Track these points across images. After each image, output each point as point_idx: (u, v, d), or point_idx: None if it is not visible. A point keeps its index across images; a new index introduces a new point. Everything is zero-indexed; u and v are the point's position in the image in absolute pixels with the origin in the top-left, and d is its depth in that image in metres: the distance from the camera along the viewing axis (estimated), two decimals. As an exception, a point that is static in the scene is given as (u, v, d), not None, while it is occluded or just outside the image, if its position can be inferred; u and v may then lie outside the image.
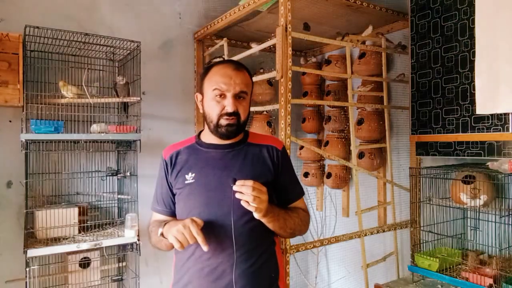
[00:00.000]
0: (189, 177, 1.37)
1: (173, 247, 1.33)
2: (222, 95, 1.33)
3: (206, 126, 1.41)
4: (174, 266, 1.44)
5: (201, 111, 1.41)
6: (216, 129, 1.35)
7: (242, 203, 1.20)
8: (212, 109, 1.34)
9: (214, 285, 1.31)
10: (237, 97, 1.34)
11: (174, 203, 1.45)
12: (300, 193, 1.51)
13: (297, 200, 1.49)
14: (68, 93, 2.20)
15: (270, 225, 1.32)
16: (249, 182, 1.19)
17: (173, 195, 1.44)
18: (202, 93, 1.40)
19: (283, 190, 1.45)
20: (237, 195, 1.20)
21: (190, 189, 1.36)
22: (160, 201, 1.46)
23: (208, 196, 1.33)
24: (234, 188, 1.20)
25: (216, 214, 1.32)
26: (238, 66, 1.38)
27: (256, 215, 1.23)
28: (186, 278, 1.36)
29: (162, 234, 1.30)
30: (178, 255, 1.40)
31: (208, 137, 1.42)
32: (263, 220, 1.27)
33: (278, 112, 2.09)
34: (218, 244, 1.31)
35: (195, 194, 1.35)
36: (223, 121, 1.33)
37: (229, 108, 1.31)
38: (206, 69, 1.41)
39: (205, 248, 1.19)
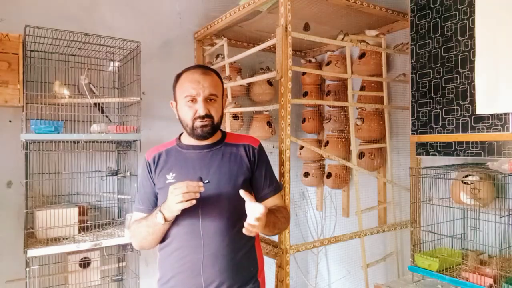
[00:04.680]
0: (170, 177, 1.43)
1: (160, 241, 1.43)
2: (193, 100, 1.40)
3: None
4: (158, 263, 1.50)
5: (176, 117, 1.49)
6: (192, 132, 1.43)
7: (244, 231, 1.26)
8: (186, 114, 1.42)
9: (195, 280, 1.37)
10: (208, 99, 1.41)
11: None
12: (276, 188, 1.56)
13: (273, 195, 1.54)
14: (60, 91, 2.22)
15: (260, 231, 1.36)
16: (258, 222, 1.24)
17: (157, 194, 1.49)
18: (175, 100, 1.48)
19: (258, 185, 1.52)
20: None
21: None
22: (145, 200, 1.50)
23: None
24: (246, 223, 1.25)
25: (192, 212, 1.35)
26: (206, 70, 1.47)
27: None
28: (169, 274, 1.43)
29: (164, 219, 1.32)
30: (161, 252, 1.46)
31: (188, 139, 1.50)
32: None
33: (278, 112, 2.09)
34: (196, 241, 1.37)
35: None
36: (198, 123, 1.41)
37: (201, 112, 1.39)
38: (176, 77, 1.49)
39: (201, 189, 1.26)
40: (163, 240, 1.45)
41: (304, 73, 3.28)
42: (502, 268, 1.75)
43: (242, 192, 1.29)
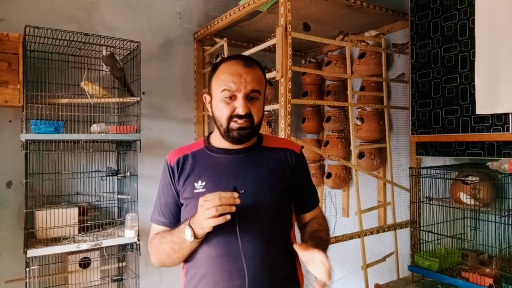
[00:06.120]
0: (199, 186, 1.21)
1: (185, 259, 1.23)
2: (232, 96, 1.18)
3: (216, 129, 1.26)
4: None
5: (210, 113, 1.27)
6: (227, 134, 1.20)
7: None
8: (222, 112, 1.19)
9: None
10: (249, 97, 1.19)
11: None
12: (317, 200, 1.40)
13: (316, 207, 1.38)
14: (93, 91, 2.22)
15: None
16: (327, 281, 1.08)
17: (181, 204, 1.27)
18: (210, 94, 1.25)
19: (301, 198, 1.33)
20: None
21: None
22: (166, 212, 1.27)
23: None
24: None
25: (228, 229, 1.14)
26: (249, 62, 1.23)
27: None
28: None
29: (194, 236, 1.11)
30: (188, 276, 1.25)
31: (219, 141, 1.26)
32: None
33: (278, 112, 2.09)
34: (233, 265, 1.15)
35: None
36: (234, 125, 1.18)
37: (240, 110, 1.17)
38: (214, 66, 1.25)
39: (237, 200, 1.07)
40: (187, 260, 1.23)
41: (304, 73, 3.28)
42: (502, 268, 1.75)
43: (296, 247, 1.11)
